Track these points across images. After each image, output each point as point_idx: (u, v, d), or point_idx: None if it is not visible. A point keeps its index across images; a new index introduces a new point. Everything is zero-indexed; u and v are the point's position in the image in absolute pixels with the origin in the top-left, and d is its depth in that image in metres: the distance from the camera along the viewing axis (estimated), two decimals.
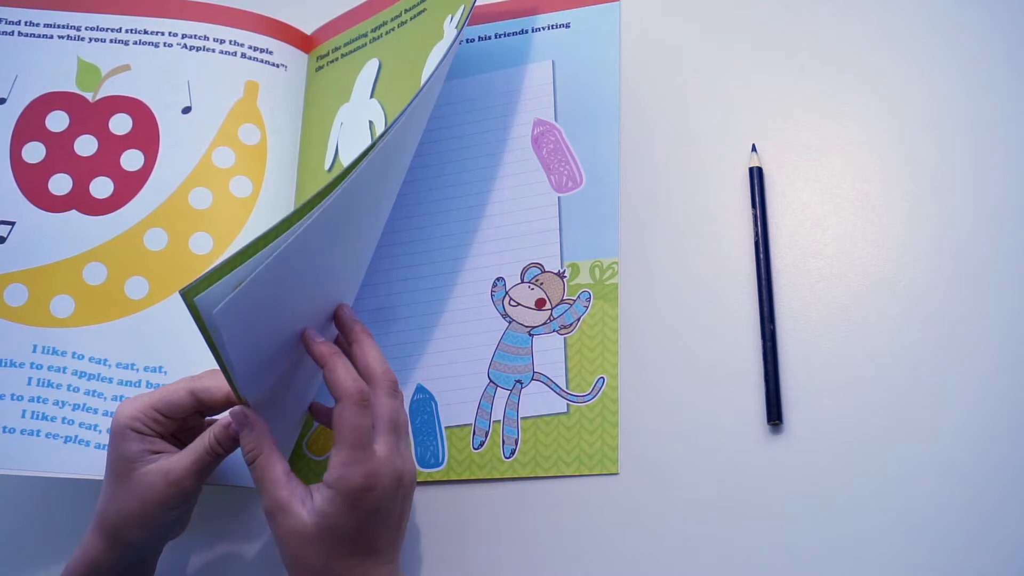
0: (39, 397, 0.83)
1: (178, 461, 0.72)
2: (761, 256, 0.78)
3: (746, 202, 0.80)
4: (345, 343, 0.74)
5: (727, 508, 0.74)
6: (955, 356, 0.73)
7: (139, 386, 0.83)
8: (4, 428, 0.82)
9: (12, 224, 0.87)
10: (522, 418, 0.80)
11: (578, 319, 0.82)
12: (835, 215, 0.78)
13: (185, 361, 0.83)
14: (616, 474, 0.77)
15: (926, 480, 0.71)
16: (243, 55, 0.94)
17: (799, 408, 0.75)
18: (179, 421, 0.75)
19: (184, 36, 0.93)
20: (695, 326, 0.79)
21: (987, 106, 0.77)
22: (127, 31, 0.93)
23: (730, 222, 0.80)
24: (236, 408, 0.71)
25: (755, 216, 0.79)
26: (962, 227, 0.75)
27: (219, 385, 0.74)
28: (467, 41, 0.93)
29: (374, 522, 0.69)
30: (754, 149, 0.81)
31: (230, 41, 0.94)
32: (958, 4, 0.79)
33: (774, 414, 0.75)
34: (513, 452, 0.80)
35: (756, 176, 0.80)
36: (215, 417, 0.77)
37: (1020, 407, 0.71)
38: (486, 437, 0.81)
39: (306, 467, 0.84)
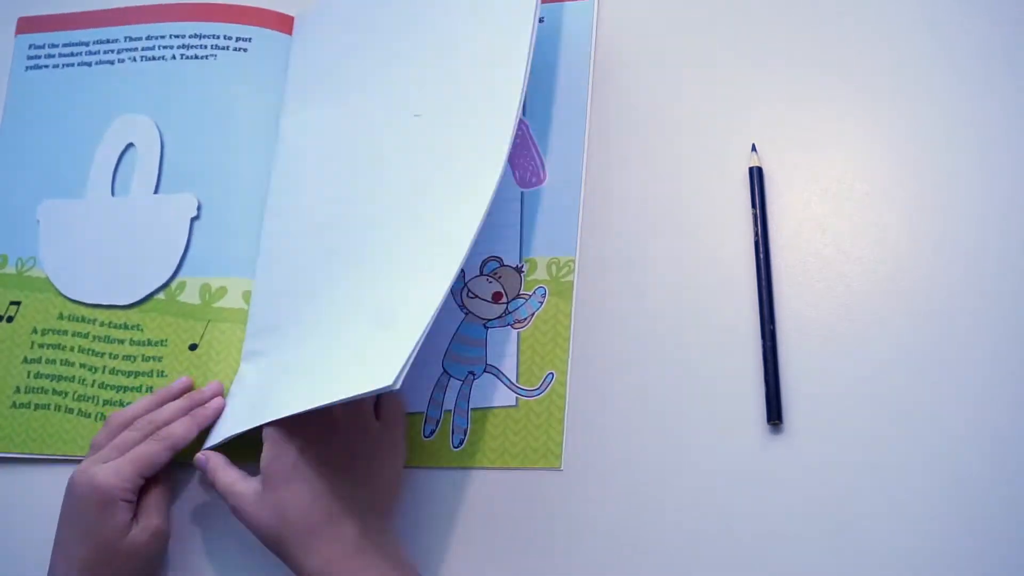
0: None
1: (155, 516, 0.77)
2: (761, 256, 0.75)
3: (746, 202, 0.77)
4: None
5: (726, 508, 0.71)
6: (955, 356, 0.71)
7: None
8: None
9: None
10: (472, 409, 0.78)
11: (532, 314, 0.80)
12: (835, 215, 0.76)
13: None
14: (559, 469, 0.75)
15: (926, 480, 0.69)
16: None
17: (799, 408, 0.72)
18: None
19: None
20: (695, 326, 0.76)
21: (987, 105, 0.76)
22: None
23: (730, 222, 0.77)
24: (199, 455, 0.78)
25: (755, 216, 0.76)
26: (963, 227, 0.74)
27: (186, 432, 0.78)
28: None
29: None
30: (754, 149, 0.78)
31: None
32: (957, 3, 0.80)
33: (774, 414, 0.72)
34: (462, 442, 0.78)
35: (756, 176, 0.77)
36: None
37: (1021, 407, 0.69)
38: (437, 426, 0.79)
39: None
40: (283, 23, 0.91)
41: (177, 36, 0.91)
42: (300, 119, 0.87)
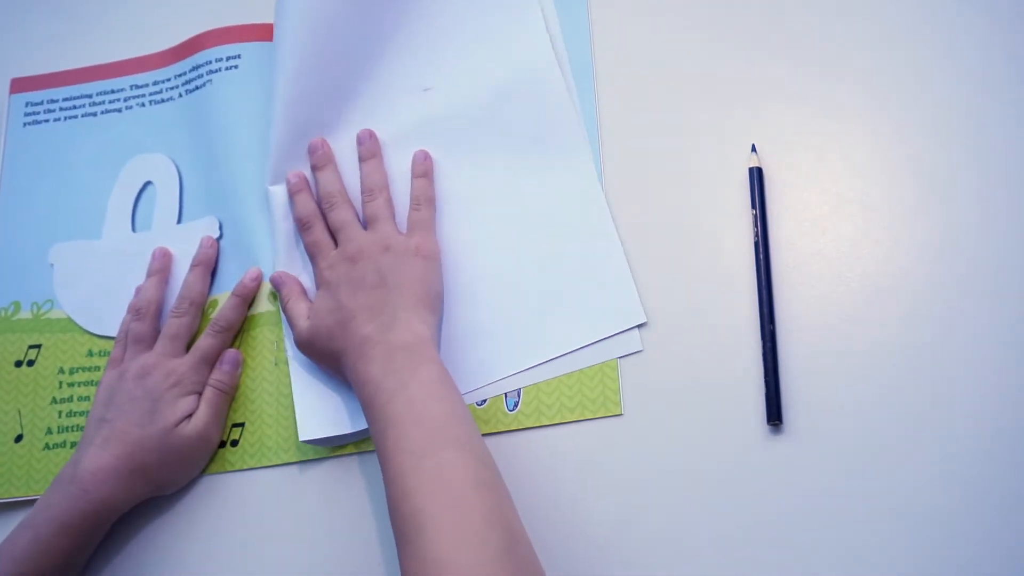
0: None
1: (202, 418, 0.82)
2: (761, 256, 0.77)
3: (746, 202, 0.79)
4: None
5: (726, 508, 0.72)
6: (955, 356, 0.72)
7: None
8: None
9: None
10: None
11: None
12: (835, 215, 0.77)
13: None
14: (620, 415, 0.76)
15: (926, 480, 0.70)
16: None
17: (799, 408, 0.73)
18: None
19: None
20: (695, 326, 0.77)
21: (987, 105, 0.77)
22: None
23: (730, 222, 0.79)
24: (276, 273, 0.84)
25: (755, 216, 0.78)
26: (963, 227, 0.75)
27: (239, 316, 0.86)
28: None
29: (349, 294, 0.79)
30: (754, 149, 0.79)
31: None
32: (957, 3, 0.80)
33: (774, 414, 0.73)
34: (516, 405, 0.79)
35: (756, 176, 0.78)
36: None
37: (1021, 407, 0.70)
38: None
39: None
40: (268, 33, 0.93)
41: (180, 75, 0.95)
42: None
